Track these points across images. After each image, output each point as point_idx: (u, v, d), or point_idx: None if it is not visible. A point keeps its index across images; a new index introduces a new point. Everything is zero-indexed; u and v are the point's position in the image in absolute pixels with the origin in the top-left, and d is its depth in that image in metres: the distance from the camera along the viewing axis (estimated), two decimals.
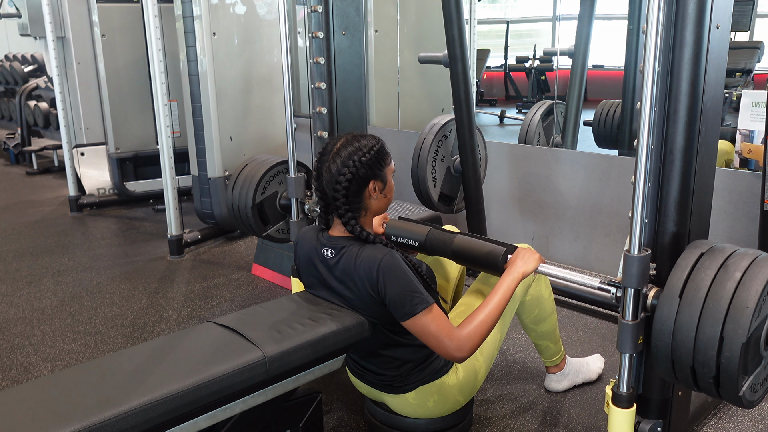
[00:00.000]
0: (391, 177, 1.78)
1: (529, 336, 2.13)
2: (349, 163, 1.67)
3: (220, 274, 3.41)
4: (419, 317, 1.59)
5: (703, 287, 1.38)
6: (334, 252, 1.73)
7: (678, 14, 1.46)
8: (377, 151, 1.71)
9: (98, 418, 1.30)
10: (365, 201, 1.72)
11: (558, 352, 2.17)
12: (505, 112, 7.76)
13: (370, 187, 1.71)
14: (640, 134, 1.41)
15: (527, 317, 2.05)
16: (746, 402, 1.41)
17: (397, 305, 1.61)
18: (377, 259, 1.63)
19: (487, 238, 1.93)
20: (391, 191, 1.78)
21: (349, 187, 1.68)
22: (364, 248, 1.68)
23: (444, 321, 1.62)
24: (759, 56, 5.08)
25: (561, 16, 7.31)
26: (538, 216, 3.49)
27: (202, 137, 3.65)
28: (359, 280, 1.66)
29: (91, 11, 4.50)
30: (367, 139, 1.73)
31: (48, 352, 2.58)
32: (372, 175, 1.70)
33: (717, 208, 2.60)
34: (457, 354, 1.61)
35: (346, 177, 1.66)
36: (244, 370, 1.51)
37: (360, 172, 1.68)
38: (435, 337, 1.60)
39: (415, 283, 1.62)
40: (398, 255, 1.65)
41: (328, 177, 1.69)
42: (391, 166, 1.78)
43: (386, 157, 1.75)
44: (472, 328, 1.62)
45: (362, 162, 1.68)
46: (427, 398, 1.77)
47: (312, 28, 2.61)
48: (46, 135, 6.79)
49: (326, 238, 1.76)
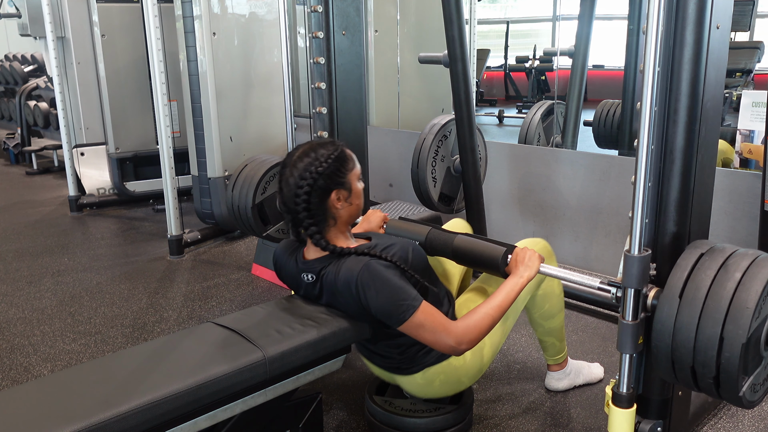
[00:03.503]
0: (356, 182, 1.71)
1: (536, 331, 2.12)
2: (306, 174, 1.62)
3: (220, 274, 3.41)
4: (410, 322, 1.60)
5: (703, 287, 1.38)
6: (314, 276, 1.72)
7: (678, 14, 1.46)
8: (335, 159, 1.65)
9: (98, 418, 1.30)
10: (330, 211, 1.67)
11: (562, 351, 2.17)
12: (503, 112, 7.77)
13: (333, 197, 1.66)
14: (640, 134, 1.41)
15: (537, 312, 2.05)
16: (746, 402, 1.41)
17: (385, 316, 1.62)
18: (354, 275, 1.61)
19: (488, 238, 1.93)
20: (358, 197, 1.72)
21: (309, 200, 1.63)
22: (340, 265, 1.65)
23: (437, 317, 1.62)
24: (759, 56, 5.09)
25: (561, 16, 7.31)
26: (538, 216, 3.49)
27: (202, 137, 3.65)
28: (343, 298, 1.66)
29: (91, 11, 4.50)
30: (325, 148, 1.67)
31: (48, 352, 2.58)
32: (333, 185, 1.65)
33: (717, 208, 2.60)
34: (456, 347, 1.62)
35: (304, 190, 1.62)
36: (245, 370, 1.51)
37: (319, 183, 1.62)
38: (431, 334, 1.61)
39: (399, 288, 1.60)
40: (374, 263, 1.61)
41: (287, 191, 1.65)
42: (355, 171, 1.71)
43: (347, 163, 1.68)
44: (472, 323, 1.63)
45: (320, 173, 1.62)
46: (434, 379, 1.79)
47: (312, 28, 2.61)
48: (46, 135, 6.79)
49: (302, 263, 1.74)
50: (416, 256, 1.79)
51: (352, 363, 2.40)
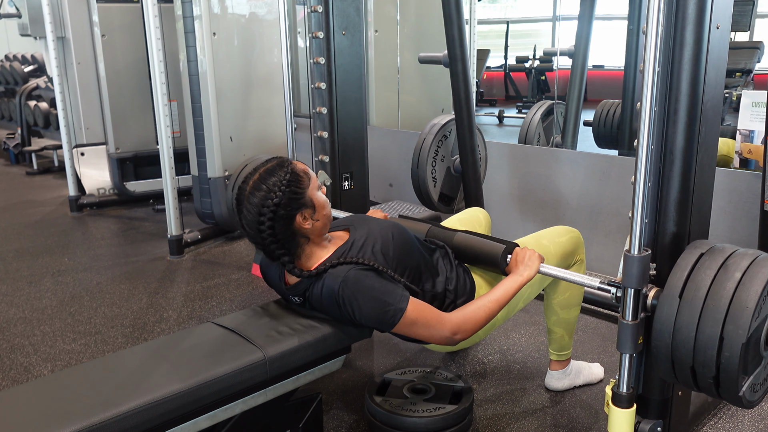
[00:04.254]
0: (317, 194, 1.65)
1: (548, 320, 2.12)
2: (264, 210, 1.57)
3: (220, 274, 3.41)
4: (401, 324, 1.60)
5: (703, 287, 1.38)
6: (301, 299, 1.72)
7: (678, 14, 1.46)
8: (288, 183, 1.58)
9: (98, 418, 1.30)
10: (299, 233, 1.63)
11: (568, 348, 2.17)
12: (503, 113, 7.77)
13: (298, 220, 1.61)
14: (640, 134, 1.41)
15: (557, 298, 2.06)
16: (746, 402, 1.41)
17: (375, 324, 1.63)
18: (335, 293, 1.60)
19: (487, 235, 1.93)
20: (323, 207, 1.66)
21: (275, 233, 1.59)
22: (322, 283, 1.63)
23: (428, 312, 1.63)
24: (759, 56, 5.09)
25: (561, 16, 7.32)
26: (538, 216, 3.49)
27: (202, 137, 3.65)
28: (332, 312, 1.67)
29: (91, 11, 4.50)
30: (274, 175, 1.59)
31: (48, 352, 2.58)
32: (294, 210, 1.59)
33: (717, 208, 2.60)
34: (452, 337, 1.63)
35: (267, 225, 1.57)
36: (245, 370, 1.51)
37: (279, 213, 1.57)
38: (425, 329, 1.62)
39: (382, 293, 1.58)
40: (352, 274, 1.58)
41: (249, 229, 1.61)
42: (312, 184, 1.65)
43: (301, 182, 1.61)
44: (468, 314, 1.66)
45: (277, 204, 1.56)
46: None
47: (312, 28, 2.61)
48: (46, 135, 6.79)
49: (286, 288, 1.74)
50: (399, 236, 1.76)
51: (352, 363, 2.40)
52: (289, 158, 1.71)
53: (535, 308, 2.84)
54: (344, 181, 2.85)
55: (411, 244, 1.80)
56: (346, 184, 2.85)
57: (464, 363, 2.41)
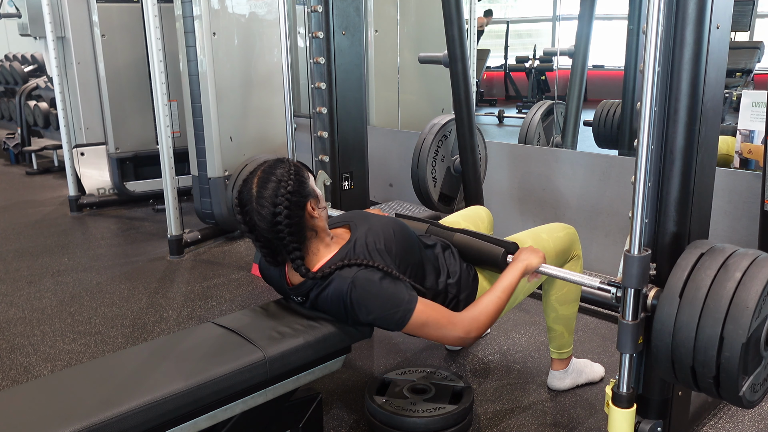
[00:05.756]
0: (315, 186, 1.71)
1: (548, 318, 2.12)
2: (279, 199, 1.58)
3: (220, 274, 3.41)
4: (410, 325, 1.60)
5: (703, 287, 1.38)
6: (305, 298, 1.72)
7: (678, 14, 1.46)
8: (296, 173, 1.63)
9: (99, 418, 1.30)
10: (309, 224, 1.65)
11: (568, 346, 2.16)
12: (503, 112, 7.77)
13: (309, 208, 1.64)
14: (640, 134, 1.41)
15: (555, 294, 2.06)
16: (746, 402, 1.41)
17: (384, 325, 1.64)
18: (343, 296, 1.60)
19: (487, 235, 1.93)
20: (321, 200, 1.70)
21: (291, 223, 1.60)
22: (329, 285, 1.64)
23: (437, 311, 1.63)
24: (759, 56, 5.09)
25: (561, 16, 7.32)
26: (537, 216, 3.49)
27: (202, 137, 3.65)
28: (338, 314, 1.67)
29: (91, 11, 4.50)
30: (279, 167, 1.64)
31: (48, 352, 2.58)
32: (304, 197, 1.63)
33: (717, 208, 2.60)
34: (465, 337, 1.64)
35: (284, 214, 1.58)
36: (245, 370, 1.52)
37: (293, 200, 1.59)
38: (436, 330, 1.62)
39: (390, 295, 1.59)
40: (360, 276, 1.59)
41: (264, 223, 1.60)
42: (311, 177, 1.70)
43: (304, 172, 1.67)
44: (477, 312, 1.66)
45: (291, 191, 1.59)
46: None
47: (312, 28, 2.61)
48: (46, 135, 6.78)
49: (289, 288, 1.74)
50: (400, 233, 1.77)
51: (352, 363, 2.40)
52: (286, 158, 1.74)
53: (534, 308, 2.84)
54: (344, 181, 2.85)
55: (412, 240, 1.80)
56: (346, 184, 2.85)
57: (464, 363, 2.41)
